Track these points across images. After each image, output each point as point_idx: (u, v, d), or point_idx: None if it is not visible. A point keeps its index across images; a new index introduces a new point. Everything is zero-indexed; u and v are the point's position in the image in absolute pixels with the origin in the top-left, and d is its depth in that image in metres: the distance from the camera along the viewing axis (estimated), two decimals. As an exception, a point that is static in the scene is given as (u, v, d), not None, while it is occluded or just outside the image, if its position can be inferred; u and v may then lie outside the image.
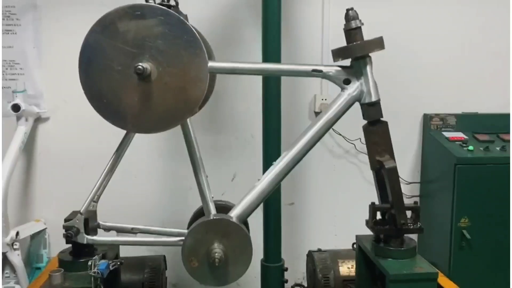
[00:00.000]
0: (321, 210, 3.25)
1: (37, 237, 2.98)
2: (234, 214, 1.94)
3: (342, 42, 1.98)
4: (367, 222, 2.09)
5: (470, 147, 2.90)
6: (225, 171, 3.17)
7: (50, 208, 3.04)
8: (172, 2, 1.91)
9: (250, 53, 2.92)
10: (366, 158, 3.11)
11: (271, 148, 2.60)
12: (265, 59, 2.42)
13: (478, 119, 3.18)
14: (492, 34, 3.17)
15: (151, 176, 3.14)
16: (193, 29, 1.74)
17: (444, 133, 3.12)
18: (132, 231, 2.07)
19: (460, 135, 3.09)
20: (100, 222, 2.06)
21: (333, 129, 3.07)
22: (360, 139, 3.06)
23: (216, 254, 1.82)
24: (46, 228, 3.02)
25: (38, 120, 3.01)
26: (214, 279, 1.88)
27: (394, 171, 1.94)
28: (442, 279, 2.18)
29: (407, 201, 3.14)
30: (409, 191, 3.28)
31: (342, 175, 3.23)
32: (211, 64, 1.82)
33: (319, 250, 2.62)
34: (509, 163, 2.81)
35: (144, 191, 3.13)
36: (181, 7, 2.07)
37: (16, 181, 2.99)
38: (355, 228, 2.21)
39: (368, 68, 1.93)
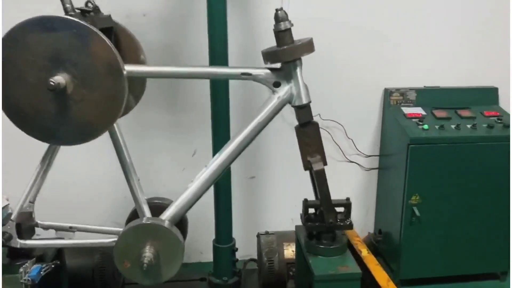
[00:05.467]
0: (283, 184, 3.28)
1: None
2: (166, 216, 1.98)
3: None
4: (301, 216, 2.15)
5: (425, 126, 2.87)
6: (186, 147, 3.18)
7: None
8: (90, 6, 1.82)
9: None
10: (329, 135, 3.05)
11: (220, 132, 2.60)
12: (212, 60, 2.27)
13: (439, 93, 3.14)
14: (454, 7, 3.06)
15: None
16: (106, 38, 1.68)
17: (403, 108, 3.08)
18: (70, 230, 2.12)
19: (418, 111, 3.05)
20: (38, 221, 2.11)
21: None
22: (319, 115, 3.01)
23: (145, 258, 1.88)
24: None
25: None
26: (146, 279, 1.96)
27: (321, 173, 1.96)
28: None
29: (364, 174, 3.26)
30: (368, 164, 3.32)
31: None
32: (129, 68, 1.77)
33: (267, 232, 2.70)
34: (462, 143, 2.82)
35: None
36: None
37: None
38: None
39: (298, 70, 1.89)
